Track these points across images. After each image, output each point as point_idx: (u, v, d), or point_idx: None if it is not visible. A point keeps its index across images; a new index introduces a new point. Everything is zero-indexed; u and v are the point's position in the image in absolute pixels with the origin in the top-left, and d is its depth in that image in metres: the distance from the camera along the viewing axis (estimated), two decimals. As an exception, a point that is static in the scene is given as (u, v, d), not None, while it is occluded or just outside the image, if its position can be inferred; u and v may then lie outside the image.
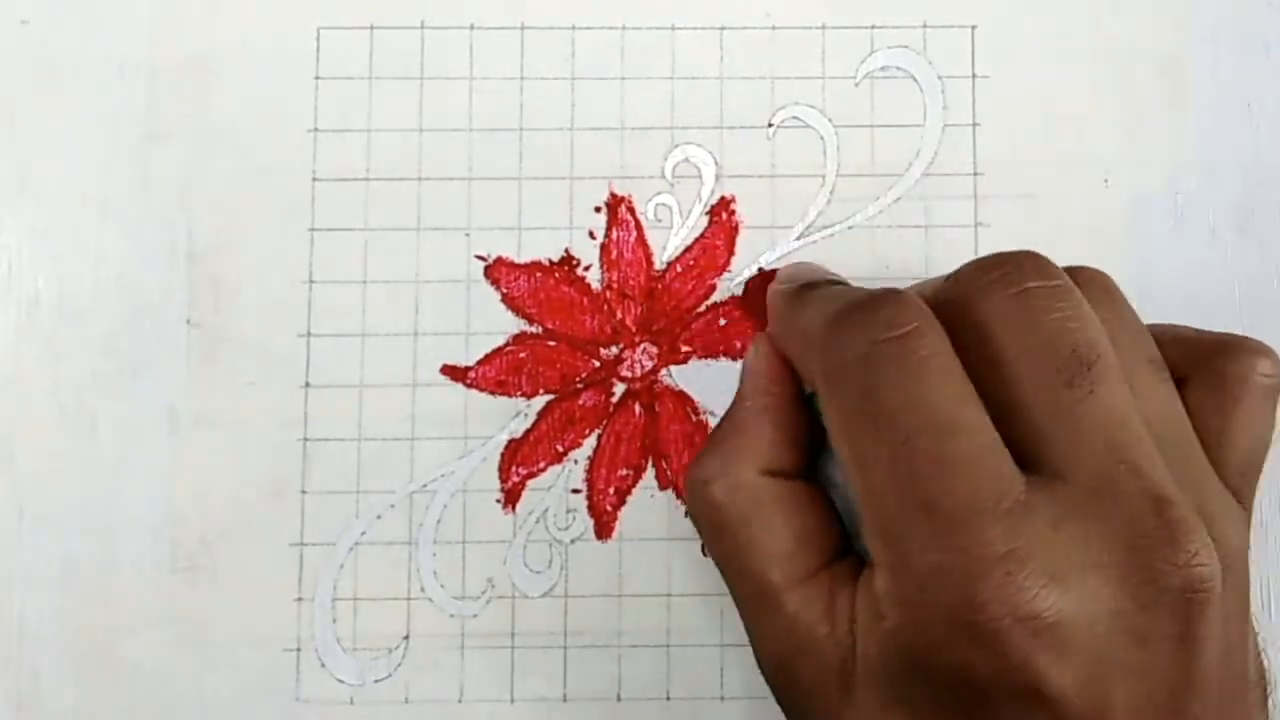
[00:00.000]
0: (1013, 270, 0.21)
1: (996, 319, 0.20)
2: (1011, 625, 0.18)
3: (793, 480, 0.24)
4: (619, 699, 0.28)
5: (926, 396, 0.20)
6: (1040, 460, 0.20)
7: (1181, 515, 0.19)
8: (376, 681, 0.28)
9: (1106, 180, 0.30)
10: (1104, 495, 0.19)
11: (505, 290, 0.29)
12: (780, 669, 0.23)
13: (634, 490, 0.29)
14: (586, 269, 0.29)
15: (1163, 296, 0.29)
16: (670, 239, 0.29)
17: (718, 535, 0.23)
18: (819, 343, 0.22)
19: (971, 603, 0.18)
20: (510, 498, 0.29)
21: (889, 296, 0.21)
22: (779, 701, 0.23)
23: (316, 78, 0.30)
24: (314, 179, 0.29)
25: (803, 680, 0.22)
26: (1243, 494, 0.21)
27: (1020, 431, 0.20)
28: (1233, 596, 0.19)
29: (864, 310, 0.21)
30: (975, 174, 0.30)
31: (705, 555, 0.28)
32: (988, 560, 0.18)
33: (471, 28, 0.30)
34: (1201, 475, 0.21)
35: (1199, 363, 0.22)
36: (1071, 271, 0.22)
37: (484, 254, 0.29)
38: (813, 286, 0.25)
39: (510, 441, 0.29)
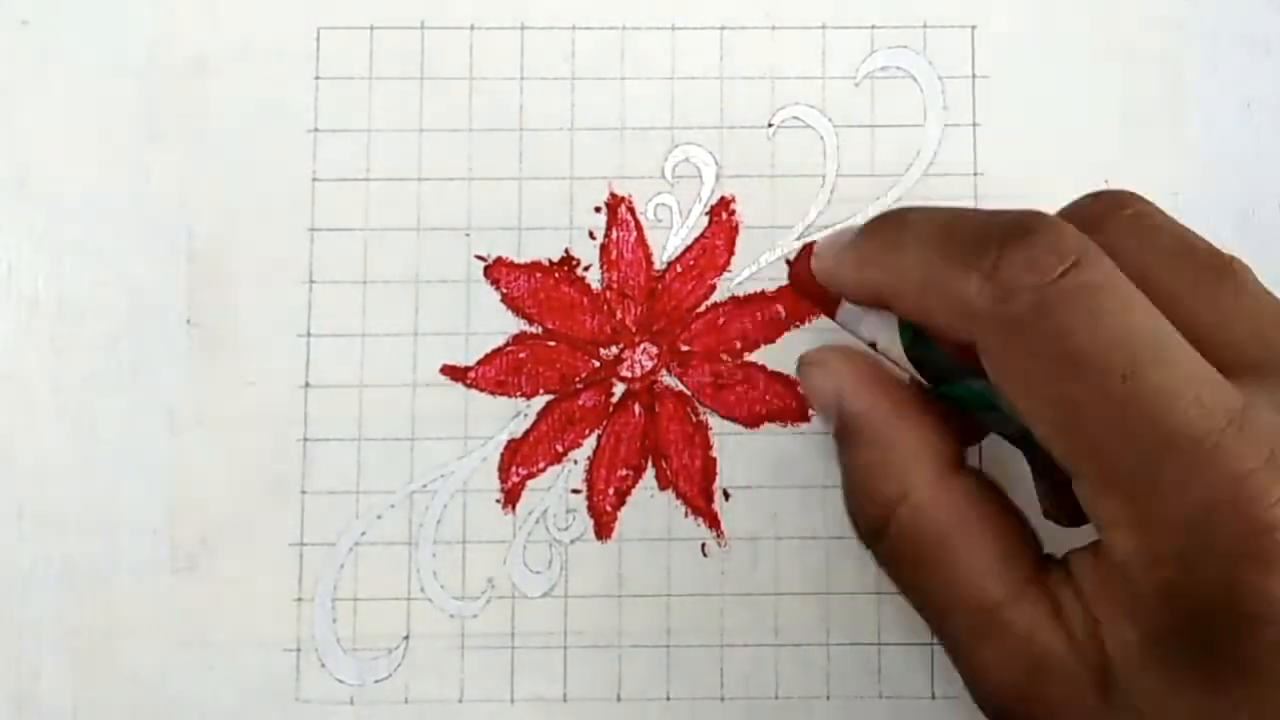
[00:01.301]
0: (1112, 197, 0.21)
1: (1130, 236, 0.20)
2: None
3: (969, 473, 0.21)
4: (619, 699, 0.28)
5: (1130, 327, 0.18)
6: (1235, 361, 0.18)
7: None
8: (376, 681, 0.28)
9: (1106, 180, 0.30)
10: None
11: (505, 290, 0.29)
12: (1020, 699, 0.20)
13: (634, 490, 0.29)
14: (586, 269, 0.29)
15: (1163, 296, 0.29)
16: (670, 239, 0.29)
17: (917, 568, 0.21)
18: (963, 292, 0.19)
19: (1258, 525, 0.17)
20: (510, 498, 0.29)
21: (1037, 223, 0.19)
22: None
23: (316, 78, 0.30)
24: (314, 179, 0.29)
25: (1050, 701, 0.19)
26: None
27: (1202, 337, 0.18)
28: None
29: (1017, 245, 0.19)
30: (975, 174, 0.30)
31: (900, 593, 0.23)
32: (1255, 477, 0.17)
33: (471, 28, 0.30)
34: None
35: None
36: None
37: (484, 254, 0.29)
38: (895, 220, 0.22)
39: (510, 441, 0.29)
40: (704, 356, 0.29)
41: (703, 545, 0.28)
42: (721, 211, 0.29)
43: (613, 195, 0.29)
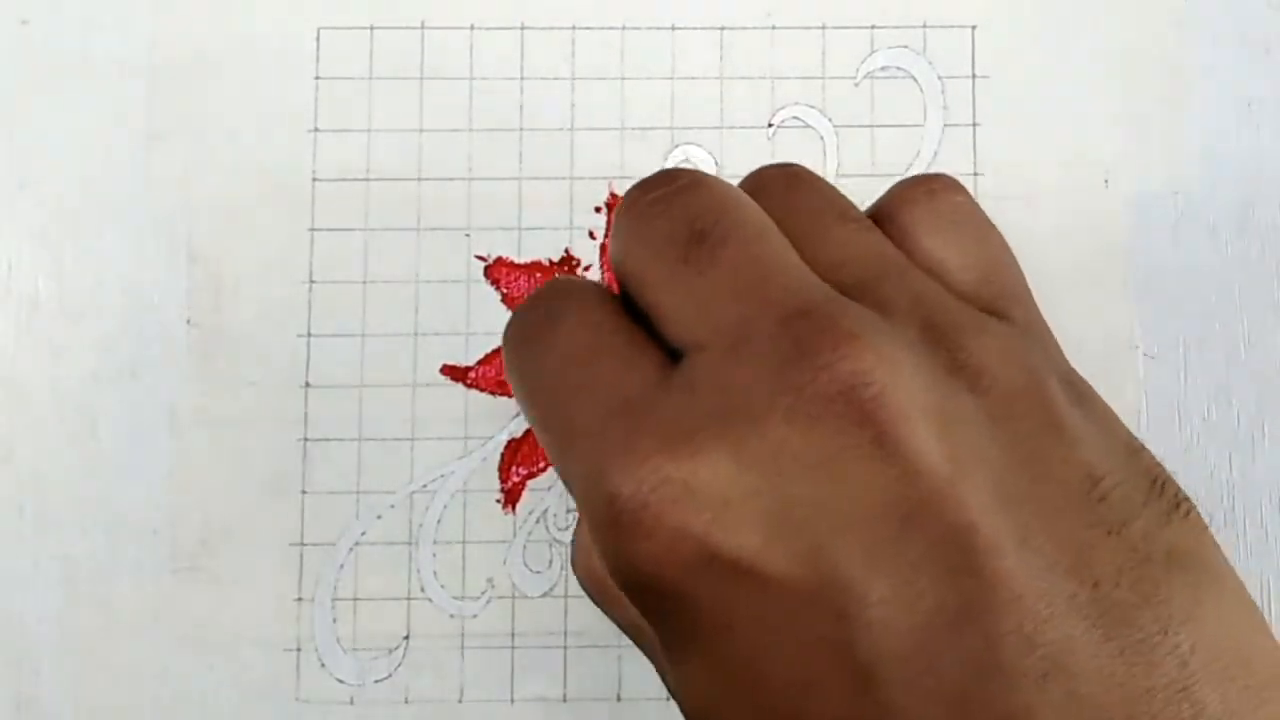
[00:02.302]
0: (637, 195, 0.19)
1: (626, 247, 0.19)
2: (645, 502, 0.16)
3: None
4: (619, 699, 0.28)
5: (560, 352, 0.19)
6: (682, 344, 0.18)
7: (820, 320, 0.16)
8: (376, 681, 0.28)
9: (1106, 180, 0.30)
10: (740, 343, 0.17)
11: (505, 290, 0.29)
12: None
13: (634, 490, 0.29)
14: (586, 269, 0.29)
15: (1163, 297, 0.29)
16: (670, 239, 0.29)
17: (602, 598, 0.22)
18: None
19: (609, 498, 0.16)
20: (510, 498, 0.29)
21: (537, 297, 0.20)
22: None
23: (316, 78, 0.30)
24: (314, 179, 0.29)
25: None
26: (1002, 311, 0.19)
27: (663, 330, 0.18)
28: (1010, 403, 0.16)
29: (513, 325, 0.20)
30: (975, 174, 0.30)
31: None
32: (613, 453, 0.16)
33: (471, 28, 0.30)
34: (921, 294, 0.18)
35: (881, 219, 0.20)
36: (754, 178, 0.20)
37: (484, 254, 0.29)
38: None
39: (510, 441, 0.29)
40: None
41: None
42: (721, 211, 0.29)
43: (613, 195, 0.29)
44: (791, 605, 0.16)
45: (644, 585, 0.17)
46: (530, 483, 0.29)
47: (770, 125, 0.30)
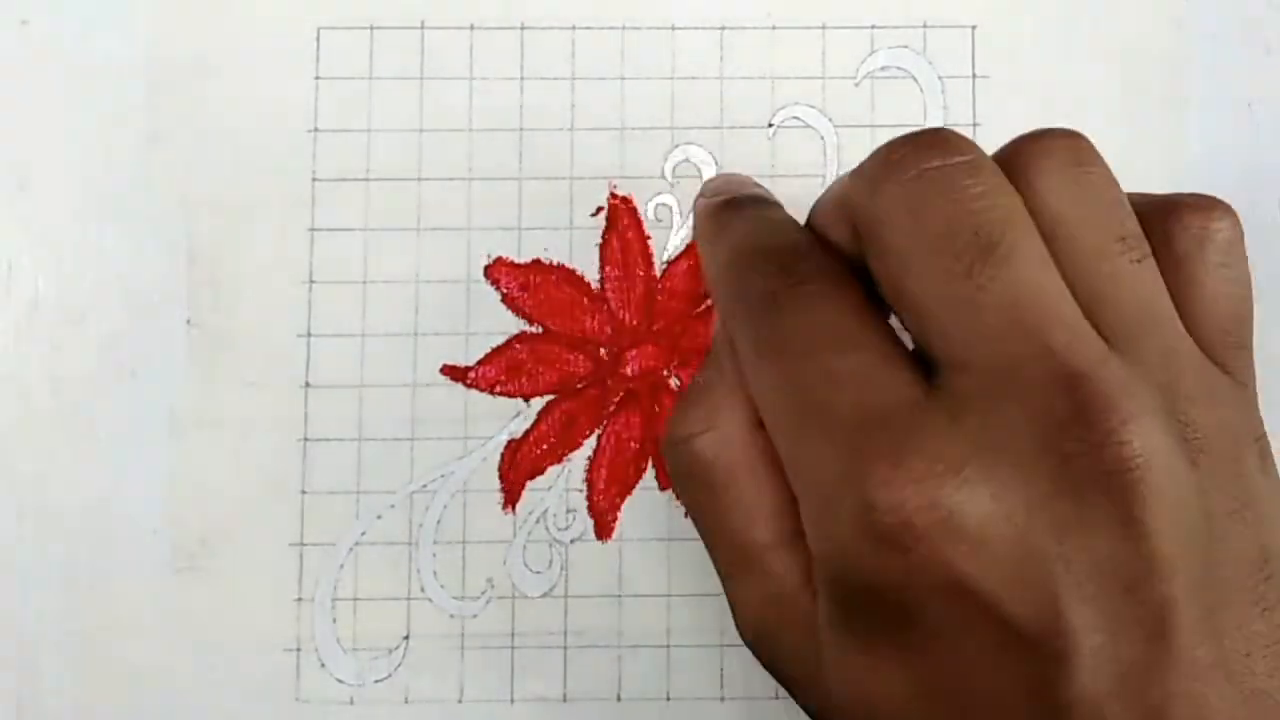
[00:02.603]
0: (909, 153, 0.19)
1: (888, 212, 0.19)
2: (909, 522, 0.17)
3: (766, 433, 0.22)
4: (619, 699, 0.28)
5: (815, 325, 0.19)
6: (943, 358, 0.18)
7: (1097, 391, 0.17)
8: (376, 681, 0.28)
9: (1106, 180, 0.30)
10: (1008, 381, 0.18)
11: (505, 290, 0.29)
12: (762, 637, 0.22)
13: (634, 490, 0.29)
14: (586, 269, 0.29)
15: (1163, 296, 0.29)
16: (670, 239, 0.29)
17: (702, 492, 0.22)
18: (722, 279, 0.21)
19: (866, 505, 0.17)
20: (510, 498, 0.29)
21: (785, 241, 0.20)
22: (765, 667, 0.22)
23: (316, 78, 0.30)
24: (314, 179, 0.29)
25: (784, 647, 0.21)
26: (1229, 363, 0.20)
27: (922, 332, 0.19)
28: (1214, 476, 0.18)
29: (762, 255, 0.20)
30: (975, 174, 0.30)
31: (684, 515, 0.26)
32: (877, 461, 0.17)
33: (471, 28, 0.30)
34: (1172, 353, 0.19)
35: (1151, 233, 0.20)
36: (1036, 137, 0.20)
37: (484, 254, 0.29)
38: (734, 206, 0.23)
39: (510, 441, 0.29)
40: (705, 356, 0.29)
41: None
42: (721, 211, 0.29)
43: (613, 195, 0.29)
44: (1012, 639, 0.17)
45: (870, 586, 0.18)
46: (530, 483, 0.29)
47: (770, 125, 0.30)
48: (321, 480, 0.28)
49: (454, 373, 0.29)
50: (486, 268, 0.29)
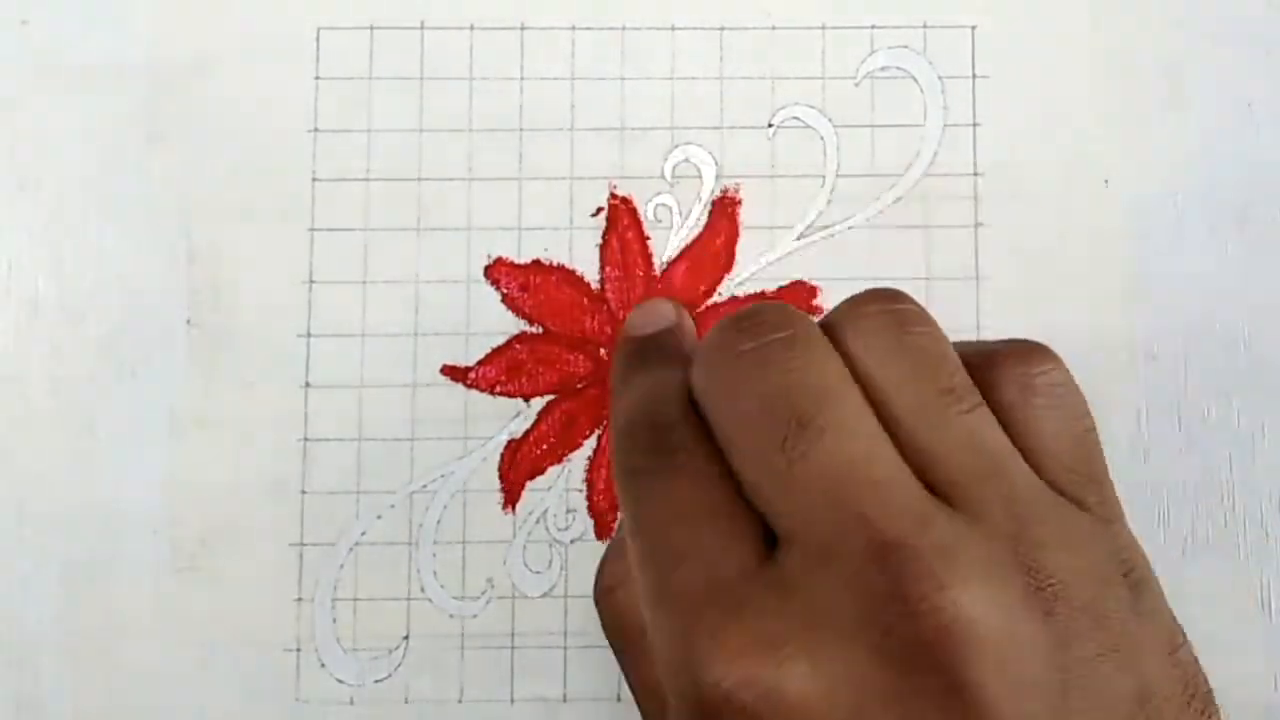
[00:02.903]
0: (730, 335, 0.20)
1: (712, 394, 0.20)
2: (729, 697, 0.17)
3: None
4: (619, 699, 0.28)
5: (670, 501, 0.19)
6: (777, 532, 0.19)
7: (910, 560, 0.17)
8: (376, 681, 0.28)
9: (1106, 180, 0.30)
10: (828, 555, 0.18)
11: (505, 290, 0.29)
12: None
13: (634, 490, 0.29)
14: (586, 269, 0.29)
15: (1163, 296, 0.29)
16: (670, 239, 0.29)
17: (619, 641, 0.22)
18: (612, 447, 0.22)
19: (694, 681, 0.17)
20: (510, 498, 0.29)
21: (662, 414, 0.21)
22: None
23: (316, 78, 0.30)
24: (314, 179, 0.29)
25: None
26: (1084, 499, 0.19)
27: (758, 507, 0.19)
28: (1074, 623, 0.18)
29: (641, 428, 0.21)
30: (975, 174, 0.30)
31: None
32: (703, 637, 0.18)
33: (471, 28, 0.30)
34: (1015, 500, 0.19)
35: (979, 384, 0.20)
36: (852, 303, 0.20)
37: (484, 254, 0.29)
38: (635, 363, 0.24)
39: (510, 441, 0.29)
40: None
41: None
42: (722, 211, 0.29)
43: (613, 195, 0.29)
44: None
45: None
46: (530, 483, 0.29)
47: (770, 125, 0.30)
48: (321, 480, 0.28)
49: (454, 373, 0.29)
50: (486, 268, 0.29)
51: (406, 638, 0.28)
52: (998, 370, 0.20)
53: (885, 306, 0.20)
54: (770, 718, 0.17)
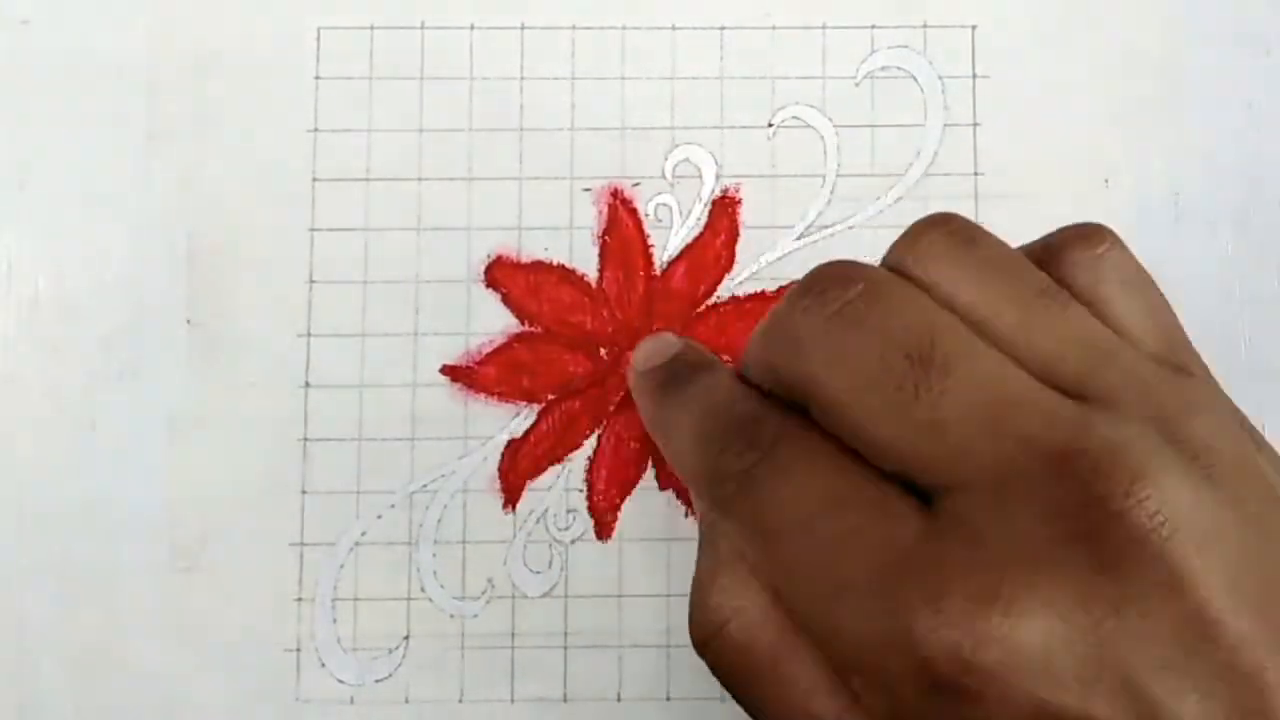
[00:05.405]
0: (811, 303, 0.19)
1: (816, 370, 0.18)
2: (969, 665, 0.16)
3: None
4: (619, 699, 0.28)
5: (799, 494, 0.18)
6: (932, 486, 0.18)
7: (1092, 462, 0.16)
8: (376, 681, 0.28)
9: (1106, 180, 0.30)
10: (1003, 487, 0.17)
11: (505, 290, 0.29)
12: None
13: (634, 490, 0.29)
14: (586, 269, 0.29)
15: (1163, 296, 0.29)
16: (670, 239, 0.29)
17: (750, 677, 0.20)
18: (691, 467, 0.20)
19: (920, 662, 0.16)
20: (510, 498, 0.29)
21: (741, 411, 0.20)
22: None
23: (316, 78, 0.30)
24: (314, 179, 0.29)
25: None
26: (1187, 365, 0.19)
27: (903, 469, 0.18)
28: (1233, 479, 0.17)
29: (723, 434, 0.20)
30: (975, 174, 0.30)
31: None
32: (913, 614, 0.16)
33: (471, 28, 0.30)
34: (1138, 379, 0.18)
35: (1058, 272, 0.20)
36: (912, 238, 0.19)
37: (484, 254, 0.29)
38: (677, 381, 0.23)
39: (510, 441, 0.29)
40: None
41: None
42: (722, 211, 0.29)
43: (613, 195, 0.29)
44: None
45: None
46: (530, 483, 0.29)
47: (770, 125, 0.30)
48: (321, 480, 0.28)
49: (454, 373, 0.29)
50: (486, 268, 0.29)
51: (407, 638, 0.28)
52: (1064, 259, 0.20)
53: (944, 230, 0.20)
54: (1017, 671, 0.16)
